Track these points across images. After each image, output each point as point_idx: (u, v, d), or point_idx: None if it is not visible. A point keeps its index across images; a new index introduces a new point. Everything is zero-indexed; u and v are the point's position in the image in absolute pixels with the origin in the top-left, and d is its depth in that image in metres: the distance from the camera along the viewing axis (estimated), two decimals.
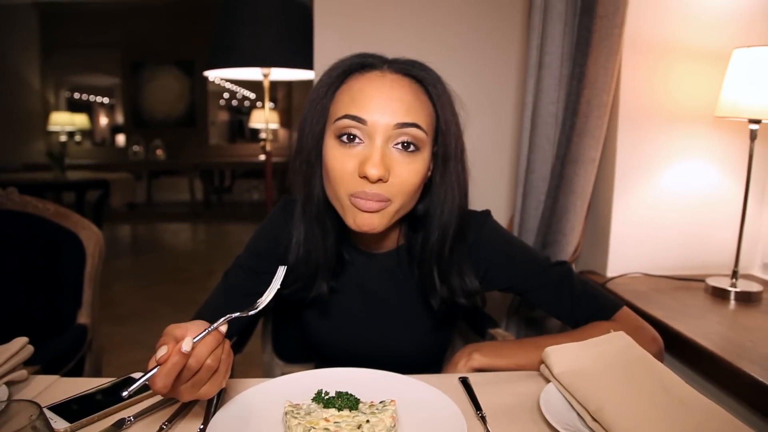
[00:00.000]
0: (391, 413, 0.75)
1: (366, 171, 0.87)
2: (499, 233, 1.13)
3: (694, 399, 0.79)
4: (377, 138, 0.89)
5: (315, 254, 1.02)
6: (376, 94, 0.90)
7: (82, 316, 1.59)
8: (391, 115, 0.89)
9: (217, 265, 5.39)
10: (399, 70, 0.95)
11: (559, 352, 0.91)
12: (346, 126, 0.90)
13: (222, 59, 2.28)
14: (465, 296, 1.04)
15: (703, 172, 1.70)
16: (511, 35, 2.01)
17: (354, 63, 0.96)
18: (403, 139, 0.90)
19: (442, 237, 0.99)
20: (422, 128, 0.91)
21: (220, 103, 9.72)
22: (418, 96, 0.93)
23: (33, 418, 0.56)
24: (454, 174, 0.97)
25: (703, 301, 1.51)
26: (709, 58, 1.62)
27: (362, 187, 0.89)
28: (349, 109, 0.90)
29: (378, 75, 0.93)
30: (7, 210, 1.65)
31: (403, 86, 0.92)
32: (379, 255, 1.10)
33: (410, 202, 0.96)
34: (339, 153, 0.91)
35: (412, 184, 0.92)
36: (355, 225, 0.93)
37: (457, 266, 1.04)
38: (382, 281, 1.11)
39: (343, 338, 1.15)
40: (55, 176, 5.60)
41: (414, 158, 0.92)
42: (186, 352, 0.68)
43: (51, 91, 8.50)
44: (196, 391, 0.72)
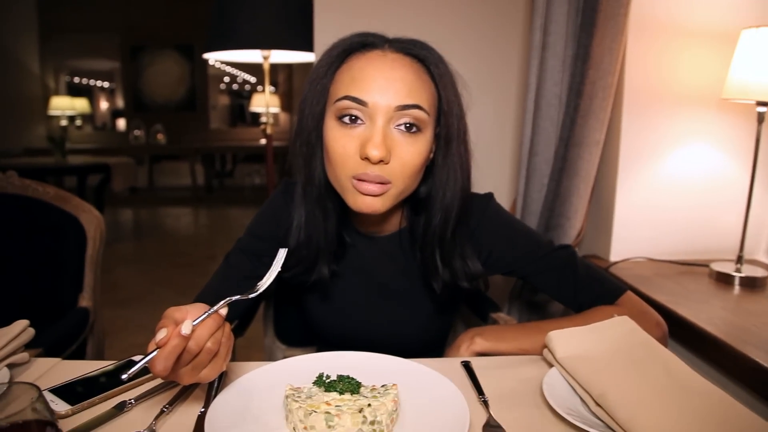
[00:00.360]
0: (392, 397, 0.74)
1: (367, 152, 0.86)
2: (503, 216, 1.11)
3: (697, 384, 0.78)
4: (378, 119, 0.88)
5: (316, 237, 1.01)
6: (377, 74, 0.89)
7: (83, 300, 1.59)
8: (392, 96, 0.88)
9: (218, 249, 5.40)
10: (400, 49, 0.93)
11: (562, 336, 0.90)
12: (347, 107, 0.89)
13: (221, 42, 2.26)
14: (467, 279, 1.03)
15: (708, 156, 1.69)
16: (514, 16, 1.98)
17: (354, 42, 0.94)
18: (405, 120, 0.89)
19: (445, 219, 0.98)
20: (424, 109, 0.90)
21: (221, 87, 9.69)
22: (419, 76, 0.91)
23: (33, 400, 0.56)
24: (456, 155, 0.96)
25: (707, 286, 1.50)
26: (717, 38, 1.60)
27: (364, 169, 0.89)
28: (349, 90, 0.89)
29: (379, 54, 0.92)
30: (7, 194, 1.64)
31: (404, 66, 0.90)
32: (380, 238, 1.09)
33: (412, 184, 0.95)
34: (340, 134, 0.90)
35: (414, 166, 0.91)
36: (357, 206, 0.92)
37: (460, 249, 1.03)
38: (383, 264, 1.11)
39: (344, 322, 1.14)
40: (56, 161, 5.59)
41: (416, 139, 0.90)
42: (185, 335, 0.67)
43: (51, 76, 8.46)
44: (197, 374, 0.72)
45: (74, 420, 0.76)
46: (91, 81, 9.18)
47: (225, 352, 0.74)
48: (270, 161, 2.80)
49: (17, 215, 1.65)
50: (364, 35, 0.95)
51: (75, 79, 8.97)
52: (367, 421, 0.70)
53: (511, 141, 2.04)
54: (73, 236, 1.61)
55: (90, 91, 9.12)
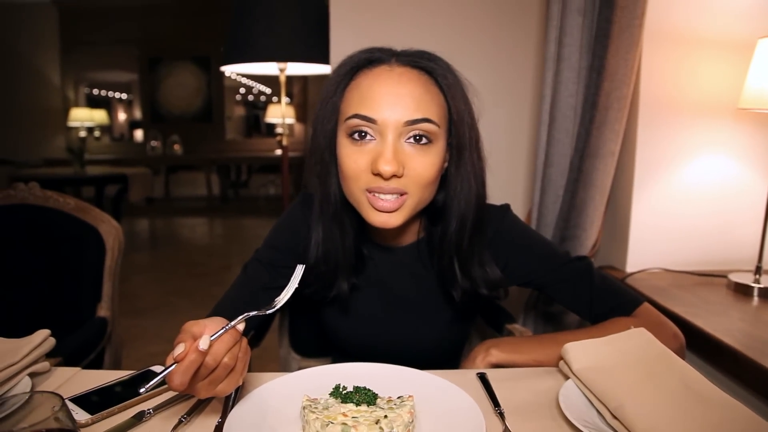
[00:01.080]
0: (409, 408, 0.75)
1: (379, 168, 0.87)
2: (519, 227, 1.12)
3: (716, 396, 0.78)
4: (389, 135, 0.89)
5: (334, 253, 1.02)
6: (384, 90, 0.90)
7: (101, 309, 1.61)
8: (401, 112, 0.88)
9: (233, 259, 5.43)
10: (407, 62, 0.93)
11: (578, 348, 0.90)
12: (357, 125, 0.90)
13: (238, 54, 2.28)
14: (487, 287, 1.03)
15: (725, 166, 1.67)
16: (528, 27, 1.98)
17: (362, 59, 0.95)
18: (415, 133, 0.90)
19: (461, 227, 0.98)
20: (434, 122, 0.90)
21: (237, 98, 9.79)
22: (427, 88, 0.92)
23: (56, 409, 0.56)
24: (469, 164, 0.96)
25: (725, 297, 1.48)
26: (732, 48, 1.59)
27: (377, 183, 0.90)
28: (358, 109, 0.90)
29: (386, 69, 0.92)
30: (29, 204, 1.68)
31: (411, 80, 0.91)
32: (398, 249, 1.10)
33: (428, 194, 0.95)
34: (351, 150, 0.91)
35: (428, 177, 0.92)
36: (373, 222, 0.93)
37: (478, 257, 1.03)
38: (401, 276, 1.11)
39: (362, 334, 1.14)
40: (74, 171, 5.68)
41: (428, 151, 0.91)
42: (203, 350, 0.68)
43: (70, 88, 8.61)
44: (213, 389, 0.72)
45: (94, 429, 0.77)
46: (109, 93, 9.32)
47: (242, 367, 0.74)
48: (285, 172, 2.82)
49: (38, 226, 1.68)
50: (371, 51, 0.95)
51: (94, 91, 9.13)
52: None
53: (526, 152, 2.04)
54: (93, 247, 1.64)
55: (108, 103, 9.26)
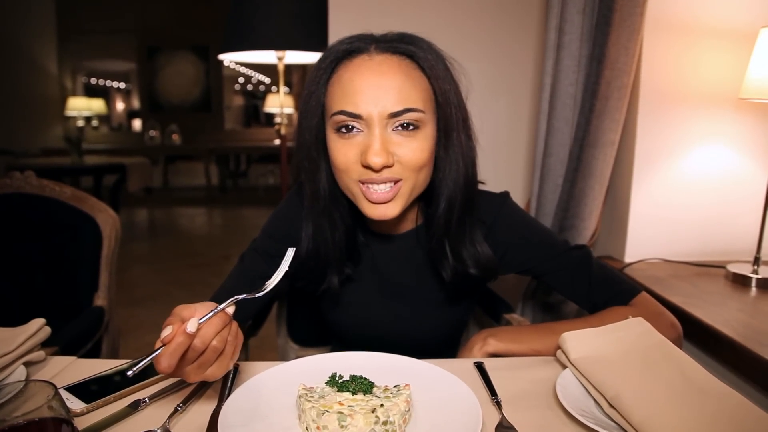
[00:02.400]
0: (405, 397, 0.74)
1: (369, 161, 0.87)
2: (518, 214, 1.11)
3: (713, 386, 0.77)
4: (375, 127, 0.88)
5: (324, 248, 1.02)
6: (365, 83, 0.88)
7: (98, 299, 1.61)
8: (383, 104, 0.87)
9: (232, 249, 5.43)
10: (387, 49, 0.91)
11: (575, 337, 0.90)
12: (342, 120, 0.90)
13: (236, 43, 2.27)
14: (477, 266, 1.02)
15: (725, 156, 1.66)
16: (528, 15, 1.97)
17: (341, 50, 0.93)
18: (401, 121, 0.89)
19: (449, 208, 0.98)
20: (418, 109, 0.89)
21: (235, 87, 9.76)
22: (409, 75, 0.90)
23: (49, 397, 0.56)
24: (457, 145, 0.95)
25: (723, 288, 1.48)
26: (734, 37, 1.58)
27: (369, 174, 0.90)
28: (341, 105, 0.89)
29: (366, 60, 0.90)
30: (25, 193, 1.67)
31: (392, 68, 0.89)
32: (396, 236, 1.09)
33: (423, 178, 0.95)
34: (340, 144, 0.91)
35: (420, 161, 0.91)
36: (371, 215, 0.93)
37: (469, 237, 1.02)
38: (399, 263, 1.10)
39: (359, 322, 1.14)
40: (72, 161, 5.66)
41: (415, 136, 0.90)
42: (191, 332, 0.67)
43: (68, 77, 8.57)
44: (203, 372, 0.72)
45: (89, 418, 0.77)
46: (107, 82, 9.29)
47: (231, 351, 0.74)
48: (284, 161, 2.81)
49: (35, 215, 1.67)
50: (350, 40, 0.94)
51: (92, 80, 9.09)
52: (380, 421, 0.70)
53: (526, 141, 2.03)
54: (89, 236, 1.63)
55: (106, 92, 9.23)
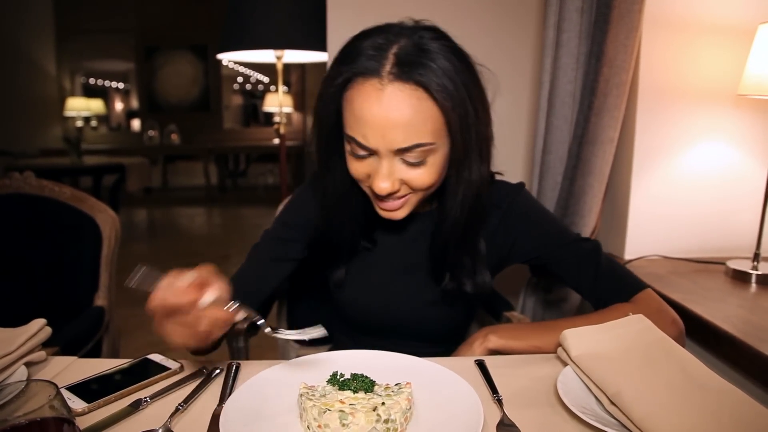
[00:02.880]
0: (406, 396, 0.74)
1: (375, 188, 0.92)
2: (531, 203, 1.15)
3: (714, 382, 0.78)
4: (383, 158, 0.91)
5: (339, 228, 1.07)
6: (373, 118, 0.87)
7: (99, 299, 1.61)
8: (390, 141, 0.88)
9: (232, 248, 5.42)
10: (399, 76, 0.86)
11: (576, 334, 0.90)
12: (353, 144, 0.92)
13: (235, 42, 2.27)
14: (473, 287, 1.05)
15: (724, 153, 1.67)
16: (527, 14, 1.97)
17: (355, 68, 0.89)
18: (408, 157, 0.90)
19: (453, 227, 1.00)
20: (426, 144, 0.89)
21: (234, 87, 9.74)
22: (419, 109, 0.87)
23: (51, 397, 0.56)
24: (467, 171, 0.95)
25: (723, 284, 1.48)
26: (733, 34, 1.58)
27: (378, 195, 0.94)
28: (352, 131, 0.90)
29: (376, 89, 0.86)
30: (24, 194, 1.67)
31: (401, 102, 0.86)
32: (415, 215, 1.08)
33: (433, 188, 0.97)
34: (353, 160, 0.95)
35: (426, 185, 0.94)
36: (381, 215, 0.99)
37: (470, 258, 1.05)
38: (412, 244, 1.12)
39: (371, 302, 1.15)
40: (71, 161, 5.66)
41: (422, 167, 0.92)
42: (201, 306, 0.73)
43: (66, 77, 8.55)
44: (176, 333, 0.77)
45: (90, 417, 0.77)
46: (106, 82, 9.27)
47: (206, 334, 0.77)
48: (283, 161, 2.81)
49: (34, 215, 1.67)
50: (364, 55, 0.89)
51: (90, 81, 9.07)
52: (381, 419, 0.70)
53: (525, 139, 2.03)
54: (89, 236, 1.63)
55: (105, 92, 9.21)
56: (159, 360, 0.94)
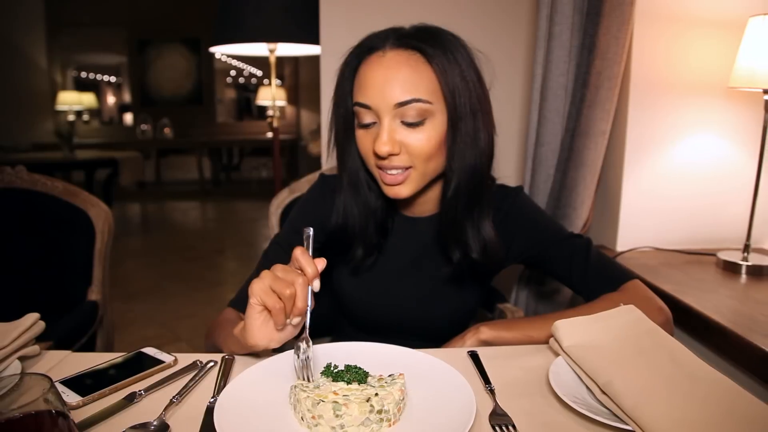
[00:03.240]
0: (399, 386, 0.75)
1: (376, 148, 0.97)
2: (529, 206, 1.18)
3: (703, 372, 0.79)
4: (384, 118, 0.96)
5: (352, 223, 1.10)
6: (375, 77, 0.96)
7: (92, 293, 1.61)
8: (390, 95, 0.95)
9: (226, 242, 5.42)
10: (399, 45, 0.97)
11: (568, 325, 0.91)
12: (359, 112, 0.99)
13: (227, 35, 2.26)
14: (481, 252, 1.06)
15: (715, 145, 1.68)
16: (519, 6, 1.97)
17: (364, 47, 1.01)
18: (409, 114, 0.96)
19: (456, 194, 1.02)
20: (424, 100, 0.95)
21: (227, 80, 9.69)
22: (416, 69, 0.96)
23: (45, 390, 0.56)
24: (464, 134, 0.99)
25: (714, 275, 1.50)
26: (723, 27, 1.59)
27: (381, 162, 0.99)
28: (357, 96, 0.99)
29: (378, 56, 0.98)
30: (16, 188, 1.66)
31: (399, 62, 0.96)
32: (420, 219, 1.15)
33: (434, 165, 1.01)
34: (361, 134, 1.02)
35: (427, 151, 0.98)
36: (387, 193, 1.03)
37: (476, 223, 1.06)
38: (419, 246, 1.15)
39: (377, 300, 1.16)
40: (64, 155, 5.62)
41: (421, 129, 0.97)
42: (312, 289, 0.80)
43: (58, 71, 8.48)
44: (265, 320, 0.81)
45: (85, 411, 0.77)
46: (98, 75, 9.20)
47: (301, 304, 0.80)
48: (277, 154, 2.80)
49: (26, 210, 1.66)
50: (370, 38, 1.01)
51: (82, 74, 9.00)
52: (375, 410, 0.70)
53: (517, 131, 2.04)
54: (82, 230, 1.63)
55: (97, 86, 9.14)
56: (153, 353, 0.95)
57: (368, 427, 0.70)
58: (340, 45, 1.06)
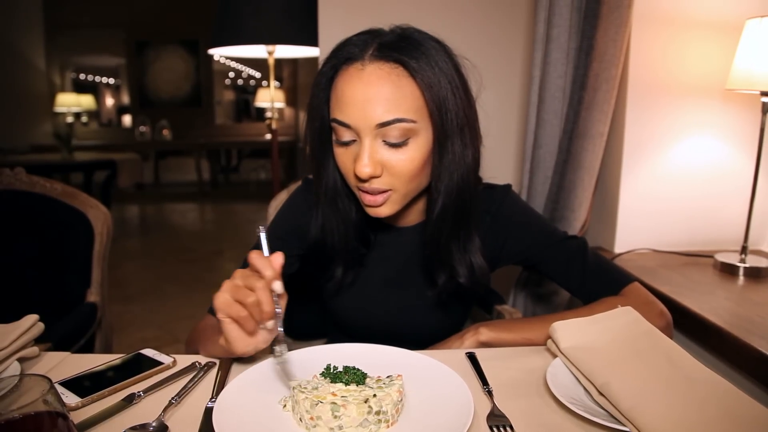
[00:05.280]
0: (398, 387, 0.75)
1: (356, 171, 0.90)
2: (519, 205, 1.14)
3: (701, 373, 0.79)
4: (365, 138, 0.90)
5: (331, 239, 1.05)
6: (354, 94, 0.89)
7: (91, 295, 1.61)
8: (370, 116, 0.88)
9: (224, 244, 5.42)
10: (379, 57, 0.90)
11: (566, 327, 0.91)
12: (338, 129, 0.93)
13: (226, 37, 2.26)
14: (468, 277, 1.03)
15: (712, 147, 1.68)
16: (517, 8, 1.97)
17: (340, 57, 0.93)
18: (389, 136, 0.90)
19: (442, 216, 0.98)
20: (407, 119, 0.89)
21: (226, 82, 9.68)
22: (399, 85, 0.89)
23: (44, 392, 0.56)
24: (451, 153, 0.93)
25: (711, 277, 1.50)
26: (721, 29, 1.59)
27: (362, 183, 0.93)
28: (335, 113, 0.92)
29: (357, 69, 0.90)
30: (15, 190, 1.66)
31: (380, 78, 0.88)
32: (404, 229, 1.12)
33: (416, 185, 0.96)
34: (340, 152, 0.95)
35: (408, 173, 0.93)
36: (368, 212, 0.98)
37: (462, 246, 1.03)
38: (404, 256, 1.12)
39: (361, 310, 1.15)
40: (62, 157, 5.61)
41: (405, 149, 0.91)
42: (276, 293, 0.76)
43: (56, 72, 8.47)
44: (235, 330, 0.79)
45: (84, 412, 0.77)
46: (96, 77, 9.18)
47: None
48: (275, 156, 2.80)
49: (25, 211, 1.66)
50: (347, 46, 0.93)
51: (80, 76, 8.98)
52: (373, 411, 0.71)
53: (515, 134, 2.04)
54: (81, 232, 1.63)
55: (95, 88, 9.13)
56: (152, 355, 0.95)
57: (366, 428, 0.71)
58: None
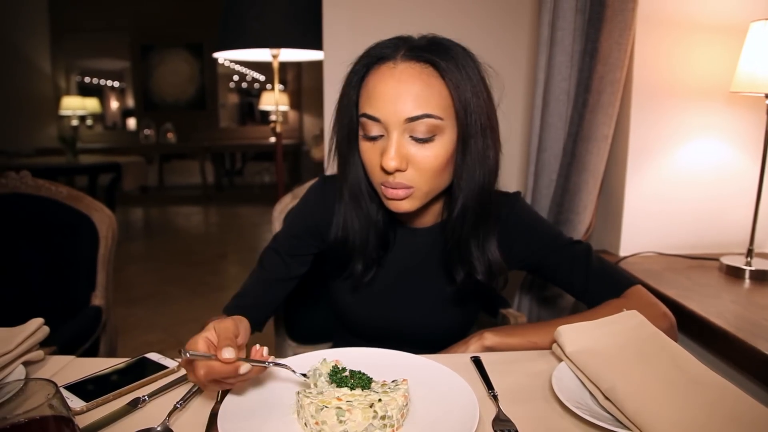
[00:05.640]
0: (403, 392, 0.75)
1: (383, 164, 0.93)
2: (528, 212, 1.16)
3: (707, 377, 0.78)
4: (393, 132, 0.93)
5: (352, 237, 1.07)
6: (385, 90, 0.93)
7: (96, 298, 1.61)
8: (401, 109, 0.92)
9: (229, 247, 5.43)
10: (411, 57, 0.94)
11: (571, 331, 0.91)
12: (366, 124, 0.96)
13: (231, 41, 2.26)
14: (485, 273, 1.04)
15: (717, 149, 1.68)
16: (522, 11, 1.97)
17: (373, 56, 0.97)
18: (419, 129, 0.93)
19: (462, 214, 1.00)
20: (435, 116, 0.92)
21: (230, 85, 9.71)
22: (428, 83, 0.93)
23: (50, 396, 0.56)
24: (474, 153, 0.96)
25: (717, 280, 1.49)
26: (725, 32, 1.59)
27: (386, 178, 0.96)
28: (365, 108, 0.95)
29: (389, 68, 0.94)
30: (21, 193, 1.67)
31: (412, 76, 0.93)
32: (422, 230, 1.13)
33: (437, 183, 0.99)
34: (366, 147, 0.98)
35: (432, 169, 0.95)
36: (389, 207, 1.01)
37: (481, 244, 1.04)
38: (421, 256, 1.13)
39: (376, 310, 1.16)
40: (67, 160, 5.63)
41: (430, 145, 0.94)
42: (240, 374, 0.73)
43: (62, 76, 8.51)
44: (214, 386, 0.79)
45: (89, 416, 0.78)
46: (101, 81, 9.22)
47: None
48: (279, 159, 2.81)
49: (31, 215, 1.67)
50: (381, 47, 0.97)
51: (86, 79, 9.02)
52: (378, 415, 0.71)
53: (520, 137, 2.04)
54: (86, 235, 1.63)
55: (100, 91, 9.17)
56: (156, 359, 0.95)
57: None
58: (342, 50, 1.06)
